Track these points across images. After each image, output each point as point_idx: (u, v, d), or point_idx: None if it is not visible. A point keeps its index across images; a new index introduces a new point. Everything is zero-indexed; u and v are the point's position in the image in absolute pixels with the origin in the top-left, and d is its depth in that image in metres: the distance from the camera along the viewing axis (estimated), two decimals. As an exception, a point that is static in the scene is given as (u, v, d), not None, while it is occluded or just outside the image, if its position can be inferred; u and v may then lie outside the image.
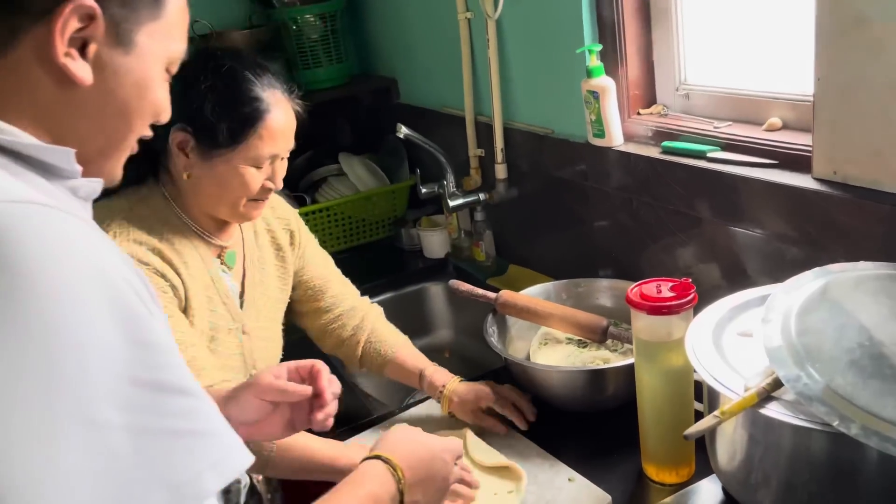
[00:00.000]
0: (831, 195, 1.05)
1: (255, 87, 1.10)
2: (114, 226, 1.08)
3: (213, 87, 1.08)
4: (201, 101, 1.08)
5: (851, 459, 0.76)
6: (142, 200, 1.12)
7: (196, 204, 1.14)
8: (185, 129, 1.08)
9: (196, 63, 1.08)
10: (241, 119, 1.08)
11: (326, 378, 0.90)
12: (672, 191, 1.32)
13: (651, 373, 1.05)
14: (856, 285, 0.89)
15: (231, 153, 1.09)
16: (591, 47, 1.39)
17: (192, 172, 1.11)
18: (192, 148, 1.09)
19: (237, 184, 1.11)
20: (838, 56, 1.00)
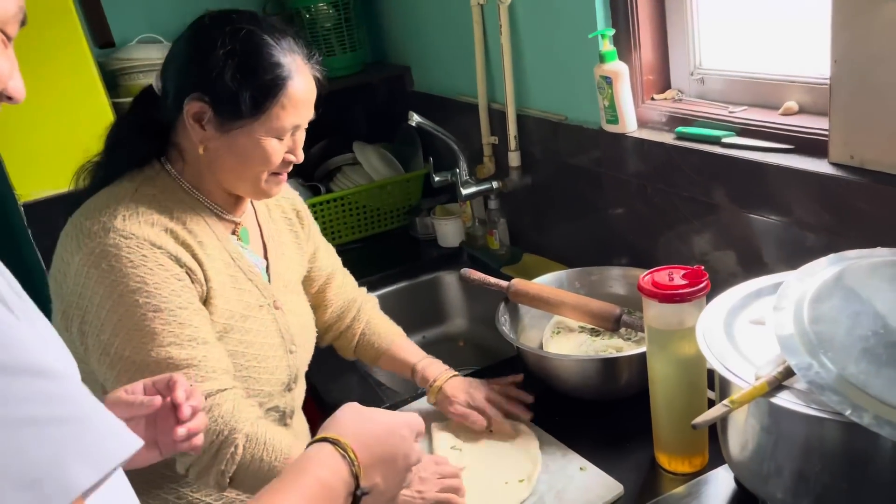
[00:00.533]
0: (848, 180, 1.03)
1: (276, 51, 1.02)
2: (121, 210, 1.01)
3: (232, 53, 0.99)
4: (220, 69, 0.99)
5: (864, 449, 0.75)
6: (147, 180, 1.06)
7: (212, 179, 1.07)
8: (201, 98, 1.00)
9: (212, 27, 1.02)
10: (263, 87, 1.00)
11: (183, 389, 0.81)
12: (687, 177, 1.30)
13: (663, 361, 1.04)
14: (872, 272, 0.87)
15: (252, 124, 1.01)
16: (604, 32, 1.37)
17: (209, 145, 1.03)
18: (209, 119, 1.01)
19: (259, 156, 1.04)
20: (855, 38, 0.97)
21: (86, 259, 0.97)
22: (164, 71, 1.07)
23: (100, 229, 0.98)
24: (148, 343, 0.96)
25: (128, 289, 0.96)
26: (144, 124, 1.08)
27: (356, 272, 1.93)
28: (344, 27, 2.16)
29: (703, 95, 1.37)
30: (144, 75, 1.97)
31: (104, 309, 0.97)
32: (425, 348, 1.95)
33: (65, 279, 1.00)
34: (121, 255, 0.97)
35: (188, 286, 1.01)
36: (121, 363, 0.97)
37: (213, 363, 0.99)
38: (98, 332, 0.98)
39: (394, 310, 1.89)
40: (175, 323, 0.98)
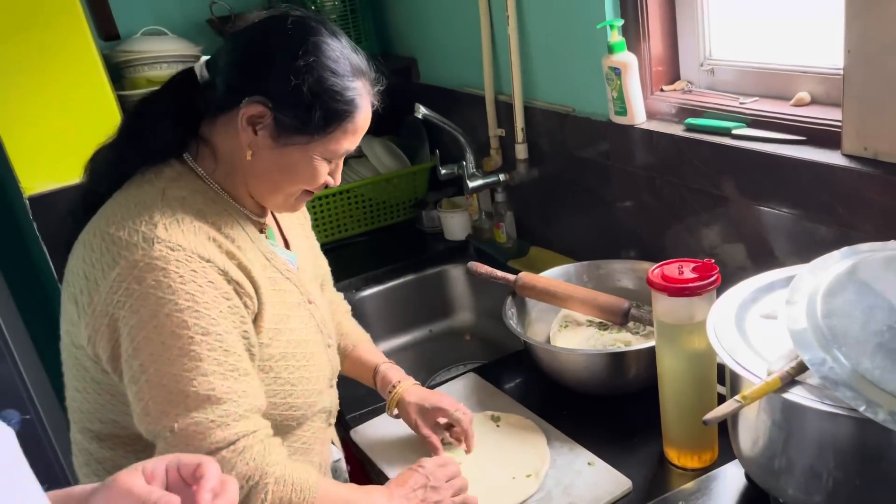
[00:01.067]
0: (861, 172, 1.01)
1: (355, 75, 0.96)
2: (157, 216, 0.91)
3: (314, 66, 0.93)
4: (298, 79, 0.92)
5: (878, 445, 0.73)
6: (172, 181, 0.97)
7: (242, 183, 1.00)
8: (265, 103, 0.93)
9: (294, 31, 0.94)
10: (335, 109, 0.95)
11: (209, 487, 0.65)
12: (696, 169, 1.28)
13: (672, 356, 1.03)
14: (886, 265, 0.85)
15: (311, 142, 0.96)
16: (613, 22, 1.35)
17: (256, 152, 0.96)
18: (265, 126, 0.94)
19: (305, 174, 0.98)
20: (869, 27, 0.96)
21: (126, 273, 0.87)
22: (218, 61, 0.99)
23: (140, 240, 0.88)
24: (191, 371, 0.87)
25: (176, 307, 0.86)
26: (177, 112, 1.00)
27: (362, 266, 1.94)
28: (350, 19, 2.15)
29: (714, 86, 1.36)
30: (149, 67, 1.96)
31: (144, 329, 0.87)
32: (432, 342, 1.95)
33: (91, 298, 0.89)
34: (169, 270, 0.87)
35: (235, 306, 0.92)
36: (152, 393, 0.87)
37: (250, 400, 0.91)
38: (131, 355, 0.88)
39: (400, 303, 1.89)
40: (221, 349, 0.89)
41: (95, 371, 0.95)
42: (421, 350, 1.87)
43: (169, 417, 0.87)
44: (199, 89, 1.00)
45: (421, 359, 1.83)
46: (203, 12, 2.15)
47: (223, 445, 0.88)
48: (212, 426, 0.87)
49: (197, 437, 0.87)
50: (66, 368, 1.02)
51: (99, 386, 0.96)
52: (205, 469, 0.66)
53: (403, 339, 1.89)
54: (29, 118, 1.61)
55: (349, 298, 1.84)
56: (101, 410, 0.98)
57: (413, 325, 1.91)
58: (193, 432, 0.86)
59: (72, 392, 1.01)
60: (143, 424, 0.89)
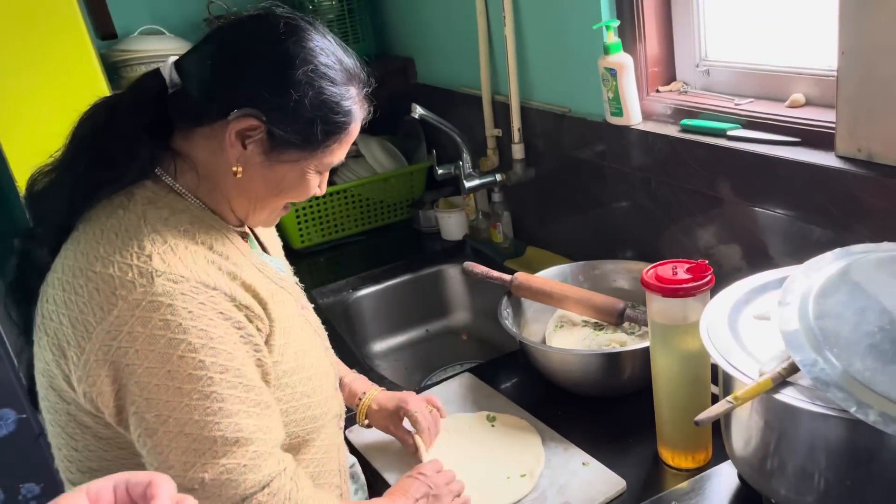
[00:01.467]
0: (855, 173, 1.01)
1: (350, 82, 0.89)
2: (147, 245, 0.81)
3: (312, 78, 0.85)
4: (298, 92, 0.85)
5: (869, 446, 0.74)
6: (150, 203, 0.86)
7: (223, 197, 0.91)
8: (258, 116, 0.84)
9: (283, 36, 0.85)
10: (334, 122, 0.88)
11: None
12: (692, 170, 1.29)
13: (667, 356, 1.03)
14: (878, 267, 0.85)
15: (305, 156, 0.89)
16: (609, 23, 1.35)
17: (243, 167, 0.88)
18: (257, 140, 0.86)
19: (296, 189, 0.92)
20: (863, 29, 0.96)
21: (126, 316, 0.78)
22: (193, 64, 0.88)
23: (136, 275, 0.79)
24: (215, 414, 0.79)
25: (190, 347, 0.78)
26: (149, 125, 0.88)
27: (359, 265, 1.94)
28: (347, 18, 2.15)
29: (709, 87, 1.36)
30: (146, 67, 1.96)
31: (156, 376, 0.78)
32: (428, 341, 1.95)
33: (82, 348, 0.80)
34: (176, 306, 0.78)
35: (248, 335, 0.85)
36: (173, 445, 0.79)
37: (274, 434, 0.86)
38: (143, 407, 0.79)
39: (396, 303, 1.89)
40: (241, 386, 0.82)
41: (98, 427, 0.86)
42: (417, 350, 1.87)
43: (196, 468, 0.79)
44: (166, 95, 0.89)
45: (417, 358, 1.83)
46: (200, 12, 2.15)
47: (257, 489, 0.82)
48: (244, 471, 0.81)
49: (231, 486, 0.80)
50: (53, 425, 0.90)
51: (105, 443, 0.87)
52: (156, 488, 0.58)
53: (400, 338, 1.89)
54: (25, 117, 1.61)
55: (346, 298, 1.85)
56: (112, 467, 0.87)
57: (410, 324, 1.91)
58: (227, 480, 0.80)
59: (67, 451, 0.90)
60: None
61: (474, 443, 1.20)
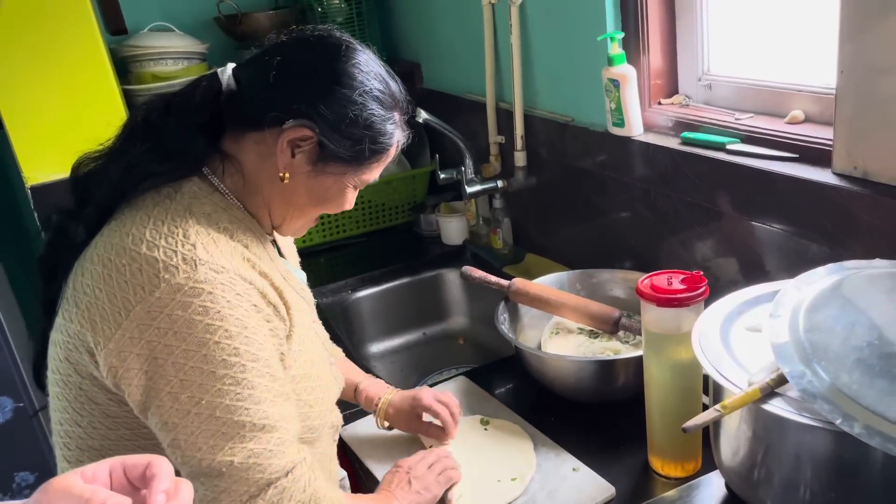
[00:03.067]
0: (851, 191, 1.03)
1: (395, 107, 0.96)
2: (192, 235, 0.85)
3: (366, 99, 0.91)
4: (354, 110, 0.90)
5: (854, 459, 0.75)
6: (195, 198, 0.90)
7: (262, 202, 0.96)
8: (311, 127, 0.90)
9: (344, 57, 0.91)
10: (379, 143, 0.94)
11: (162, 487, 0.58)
12: (691, 182, 1.30)
13: (659, 365, 1.04)
14: (870, 283, 0.87)
15: (348, 171, 0.94)
16: (613, 35, 1.37)
17: (290, 175, 0.93)
18: (305, 150, 0.91)
19: (335, 201, 0.97)
20: (862, 49, 0.97)
21: (167, 298, 0.81)
22: (252, 73, 0.94)
23: (180, 261, 0.82)
24: (245, 400, 0.83)
25: (227, 334, 0.82)
26: (205, 124, 0.93)
27: (359, 267, 1.95)
28: (355, 22, 2.17)
29: (710, 101, 1.37)
30: (155, 63, 1.99)
31: (192, 359, 0.81)
32: (425, 344, 1.96)
33: (118, 324, 0.82)
34: (216, 294, 0.82)
35: (275, 328, 0.89)
36: (203, 427, 0.82)
37: (294, 425, 0.90)
38: (177, 387, 0.82)
39: (395, 305, 1.91)
40: (269, 375, 0.86)
41: (109, 404, 0.88)
42: (414, 352, 1.88)
43: (224, 451, 0.82)
44: (220, 99, 0.94)
45: (414, 361, 1.84)
46: (210, 10, 2.17)
47: (282, 474, 0.85)
48: (270, 456, 0.84)
49: (257, 469, 0.84)
50: (59, 398, 0.92)
51: (112, 421, 0.89)
52: (156, 468, 0.59)
53: (397, 340, 1.90)
54: (34, 108, 1.63)
55: (345, 299, 1.86)
56: (113, 447, 0.90)
57: (407, 327, 1.92)
58: (254, 464, 0.83)
59: (70, 427, 0.92)
60: (191, 460, 0.83)
61: (467, 445, 1.21)
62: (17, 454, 1.82)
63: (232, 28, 2.14)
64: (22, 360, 1.83)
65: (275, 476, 0.85)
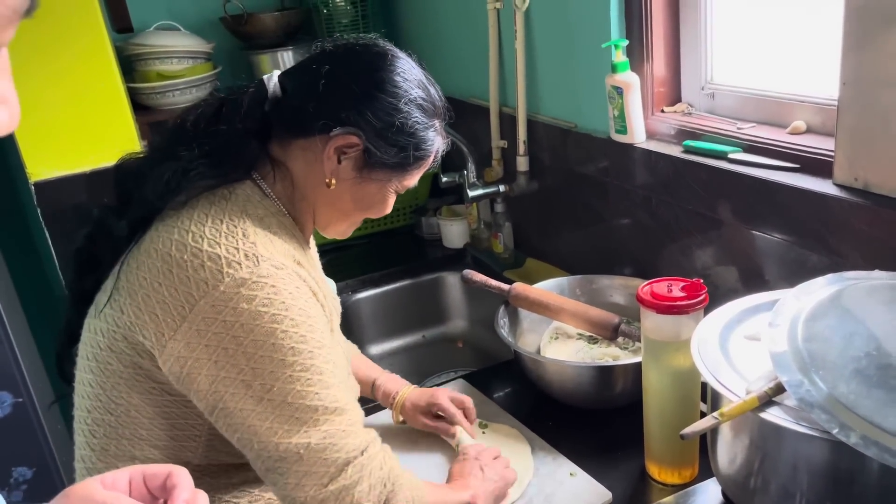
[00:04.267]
0: (851, 202, 1.03)
1: (436, 115, 1.00)
2: (251, 234, 0.88)
3: (412, 107, 0.94)
4: (401, 118, 0.94)
5: (850, 469, 0.75)
6: (248, 201, 0.93)
7: (308, 209, 0.99)
8: (358, 134, 0.93)
9: (390, 66, 0.94)
10: (423, 149, 0.98)
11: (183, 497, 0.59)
12: (692, 191, 1.31)
13: (658, 372, 1.05)
14: (869, 294, 0.87)
15: (392, 177, 0.98)
16: (618, 42, 1.37)
17: (336, 181, 0.96)
18: (351, 157, 0.94)
19: (378, 206, 1.01)
20: (865, 61, 0.98)
21: (231, 292, 0.83)
22: (298, 80, 0.96)
23: (243, 257, 0.85)
24: (315, 385, 0.86)
25: (293, 323, 0.85)
26: (255, 130, 0.96)
27: (360, 268, 1.96)
28: (361, 24, 2.17)
29: (713, 110, 1.38)
30: (161, 62, 1.99)
31: (262, 348, 0.84)
32: (425, 347, 1.96)
33: (182, 317, 0.84)
34: (279, 287, 0.85)
35: (326, 322, 0.94)
36: (276, 413, 0.85)
37: (360, 409, 0.94)
38: (250, 376, 0.84)
39: (395, 308, 1.91)
40: (332, 363, 0.89)
41: (150, 393, 0.91)
42: (413, 355, 1.89)
43: (300, 434, 0.85)
44: (266, 106, 0.96)
45: (413, 363, 1.85)
46: (216, 10, 2.18)
47: (358, 453, 0.88)
48: (344, 436, 0.87)
49: (333, 449, 0.86)
50: (92, 385, 0.94)
51: (152, 410, 0.92)
52: (177, 478, 0.59)
53: (397, 343, 1.91)
54: (39, 105, 1.64)
55: (345, 300, 1.87)
56: (145, 437, 0.92)
57: (407, 329, 1.93)
58: (330, 444, 0.86)
59: (100, 414, 0.93)
60: (268, 445, 0.85)
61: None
62: (16, 449, 1.82)
63: (238, 28, 2.15)
64: (22, 355, 1.84)
65: (352, 455, 0.88)
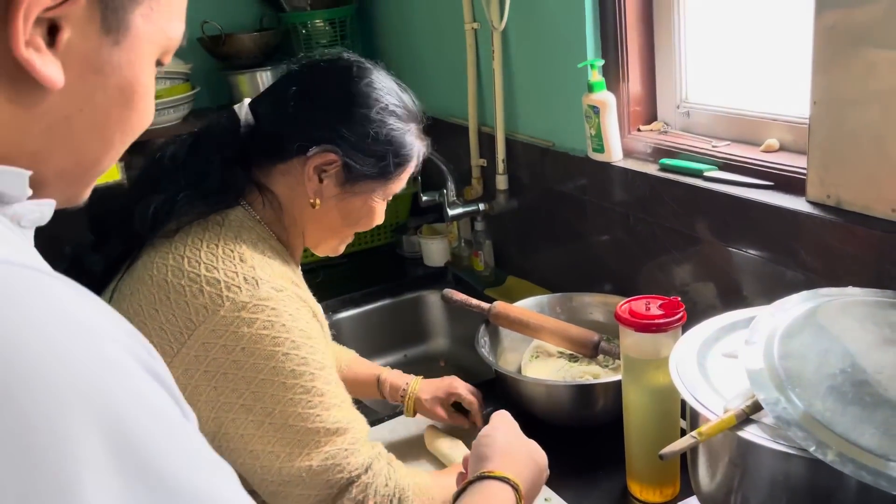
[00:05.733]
0: (824, 219, 1.05)
1: (411, 119, 1.00)
2: (248, 258, 0.89)
3: (384, 115, 0.95)
4: (374, 128, 0.94)
5: (828, 486, 0.76)
6: (241, 226, 0.93)
7: (297, 231, 1.00)
8: (335, 151, 0.93)
9: (356, 77, 0.95)
10: (402, 155, 0.98)
11: None
12: (669, 208, 1.32)
13: (638, 390, 1.05)
14: (843, 311, 0.88)
15: (377, 186, 0.98)
16: (593, 62, 1.39)
17: (321, 201, 0.97)
18: (332, 174, 0.95)
19: (367, 218, 1.02)
20: (834, 81, 1.00)
21: (231, 316, 0.84)
22: (268, 106, 0.97)
23: (242, 281, 0.85)
24: (316, 406, 0.86)
25: (294, 345, 0.85)
26: (236, 158, 0.96)
27: (340, 288, 1.95)
28: (339, 44, 2.18)
29: (688, 129, 1.40)
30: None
31: (262, 372, 0.84)
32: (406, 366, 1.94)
33: (181, 343, 0.85)
34: (279, 309, 0.85)
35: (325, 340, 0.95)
36: (278, 436, 0.85)
37: (363, 424, 0.94)
38: (251, 400, 0.84)
39: (376, 327, 1.90)
40: (334, 382, 0.90)
41: None
42: (395, 374, 1.87)
43: (302, 457, 0.86)
44: (241, 134, 0.96)
45: (394, 383, 1.84)
46: (194, 31, 2.17)
47: (362, 471, 0.89)
48: (347, 455, 0.88)
49: (336, 470, 0.87)
50: None
51: None
52: None
53: (378, 362, 1.88)
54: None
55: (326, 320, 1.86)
56: None
57: (388, 349, 1.92)
58: (332, 465, 0.87)
59: None
60: (270, 470, 0.86)
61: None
62: None
63: (215, 49, 2.15)
64: None
65: (355, 474, 0.88)
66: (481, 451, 0.86)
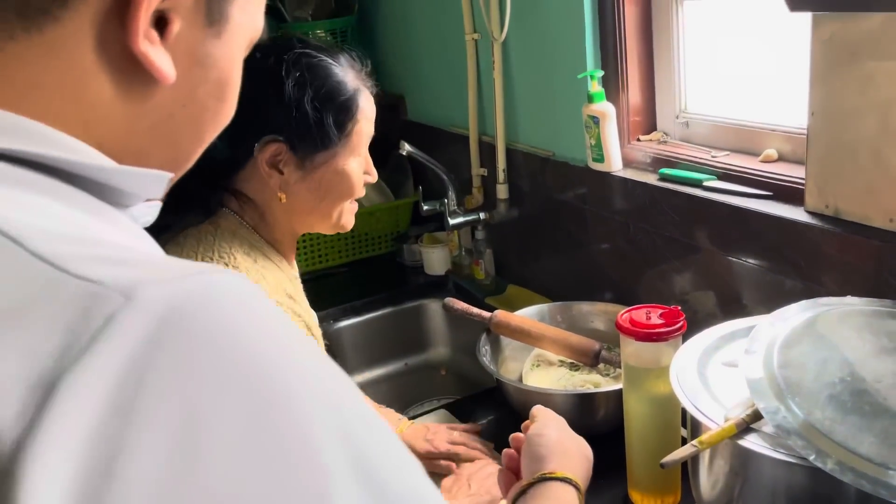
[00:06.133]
0: (822, 229, 1.05)
1: (339, 69, 0.96)
2: (241, 265, 0.90)
3: (303, 82, 0.92)
4: (297, 102, 0.92)
5: (828, 494, 0.76)
6: (231, 233, 0.94)
7: (285, 227, 1.00)
8: (276, 140, 0.93)
9: (265, 59, 0.93)
10: (342, 108, 0.95)
11: None
12: (669, 218, 1.33)
13: (638, 399, 1.05)
14: (841, 320, 0.89)
15: (335, 150, 0.96)
16: (593, 73, 1.40)
17: (288, 190, 0.95)
18: (286, 161, 0.94)
19: (344, 187, 0.99)
20: (831, 92, 1.01)
21: None
22: None
23: None
24: None
25: None
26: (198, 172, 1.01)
27: (341, 296, 1.95)
28: (340, 54, 2.20)
29: (688, 139, 1.41)
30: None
31: None
32: (407, 375, 1.95)
33: None
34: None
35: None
36: None
37: None
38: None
39: (377, 335, 1.91)
40: None
41: None
42: (396, 383, 1.88)
43: None
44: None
45: (395, 392, 1.84)
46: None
47: None
48: None
49: None
50: None
51: None
52: None
53: (379, 371, 1.90)
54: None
55: (326, 329, 1.86)
56: None
57: (389, 357, 1.92)
58: None
59: None
60: None
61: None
62: None
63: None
64: None
65: None
66: (537, 452, 0.85)
